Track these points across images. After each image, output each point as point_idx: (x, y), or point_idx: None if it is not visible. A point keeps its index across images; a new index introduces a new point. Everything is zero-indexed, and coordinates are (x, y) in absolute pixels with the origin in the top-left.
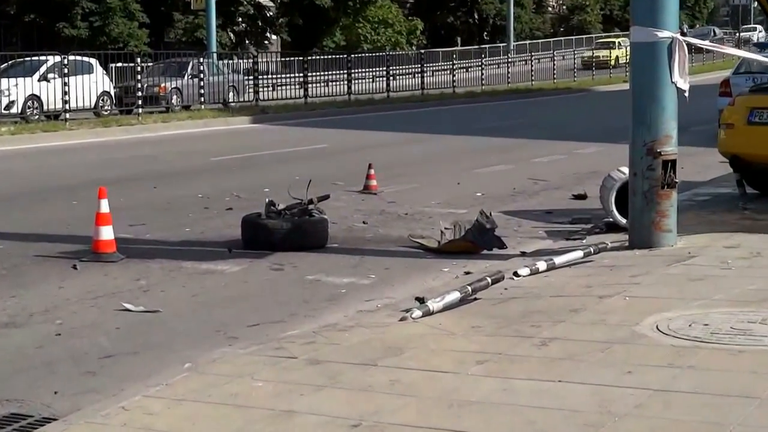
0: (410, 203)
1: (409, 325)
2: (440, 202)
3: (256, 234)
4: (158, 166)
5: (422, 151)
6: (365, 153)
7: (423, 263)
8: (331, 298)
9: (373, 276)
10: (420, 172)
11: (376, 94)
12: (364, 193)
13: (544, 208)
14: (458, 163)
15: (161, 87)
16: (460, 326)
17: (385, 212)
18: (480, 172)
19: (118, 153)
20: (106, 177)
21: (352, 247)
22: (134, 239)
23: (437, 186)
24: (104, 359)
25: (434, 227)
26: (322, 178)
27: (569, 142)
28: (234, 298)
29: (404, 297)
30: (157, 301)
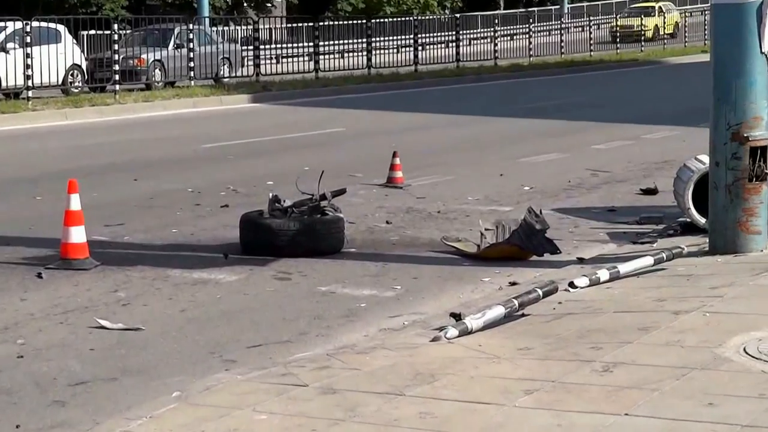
0: (443, 199)
1: (442, 347)
2: (480, 197)
3: (257, 236)
4: (139, 154)
5: (457, 136)
6: (389, 138)
7: (459, 272)
8: (348, 314)
9: (399, 287)
10: (455, 162)
11: (401, 68)
12: (388, 187)
13: (605, 205)
14: (501, 150)
15: (140, 59)
16: (504, 348)
17: (413, 210)
18: (528, 162)
19: (90, 138)
20: (77, 167)
21: (374, 252)
22: (111, 242)
23: (476, 178)
24: (76, 386)
25: (473, 228)
26: (336, 169)
27: (636, 125)
28: (231, 313)
29: (436, 312)
30: (138, 317)
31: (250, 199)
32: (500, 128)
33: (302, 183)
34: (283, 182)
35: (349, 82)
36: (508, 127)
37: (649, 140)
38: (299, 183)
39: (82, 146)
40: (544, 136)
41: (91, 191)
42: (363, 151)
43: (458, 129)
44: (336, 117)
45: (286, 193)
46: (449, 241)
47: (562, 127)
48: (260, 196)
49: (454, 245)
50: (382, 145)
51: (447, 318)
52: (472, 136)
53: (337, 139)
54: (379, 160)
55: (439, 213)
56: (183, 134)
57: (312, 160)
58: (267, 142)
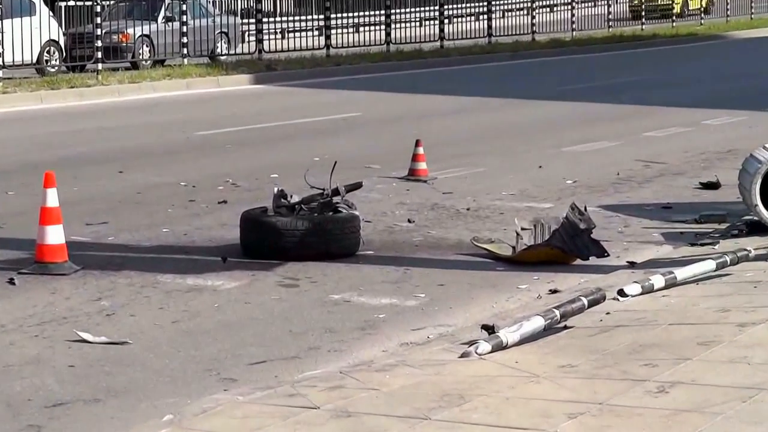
0: (474, 194)
1: (473, 364)
2: (515, 192)
3: (260, 236)
4: (125, 142)
5: (490, 121)
6: (411, 125)
7: (492, 278)
8: (364, 327)
9: (423, 295)
10: (487, 152)
11: (424, 44)
12: (410, 181)
13: (660, 201)
14: (540, 138)
15: (125, 34)
16: (544, 365)
17: (439, 207)
18: (570, 151)
19: (69, 125)
20: (54, 158)
21: (394, 256)
22: (93, 243)
23: (511, 170)
24: (53, 408)
25: (507, 228)
26: (351, 160)
27: (696, 109)
28: (231, 325)
29: (466, 324)
30: (125, 330)
31: (251, 194)
32: (539, 113)
33: (312, 176)
34: (290, 175)
35: (366, 61)
36: (547, 111)
37: (710, 126)
38: (308, 176)
39: (59, 134)
40: (589, 122)
41: (71, 185)
42: (381, 140)
43: (491, 114)
44: (350, 100)
45: (293, 188)
46: (480, 242)
47: (609, 111)
48: (263, 190)
49: (486, 247)
50: (404, 132)
51: (478, 331)
52: (506, 122)
53: (352, 126)
54: (399, 149)
55: (469, 210)
56: (175, 120)
57: (323, 149)
58: (271, 129)
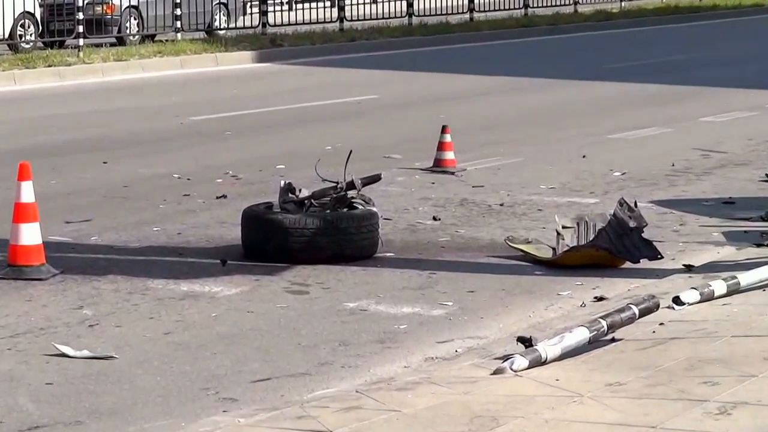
0: (508, 188)
1: (508, 381)
2: (555, 186)
3: (265, 236)
4: (110, 128)
5: (526, 105)
6: (436, 109)
7: (529, 283)
8: (383, 339)
9: (450, 303)
10: (523, 139)
11: (451, 16)
12: (436, 172)
13: (720, 195)
14: (584, 124)
15: (110, 5)
16: (589, 383)
17: (469, 202)
18: (618, 139)
19: (47, 108)
20: (30, 146)
21: (417, 258)
22: (74, 244)
23: (550, 161)
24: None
25: (546, 226)
26: (368, 148)
27: (760, 91)
28: (231, 337)
29: (500, 336)
30: (110, 342)
31: (254, 187)
32: (582, 95)
33: (323, 167)
34: (299, 166)
35: (384, 36)
36: (592, 93)
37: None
38: (319, 167)
39: (35, 119)
40: (639, 106)
41: (48, 177)
42: (403, 126)
43: (527, 96)
44: (367, 81)
45: (303, 181)
46: (516, 243)
47: (663, 93)
48: (268, 184)
49: (522, 248)
50: (428, 117)
51: (513, 344)
52: (545, 105)
53: (369, 110)
54: (423, 137)
55: (503, 206)
56: (167, 103)
57: (336, 136)
58: (276, 113)
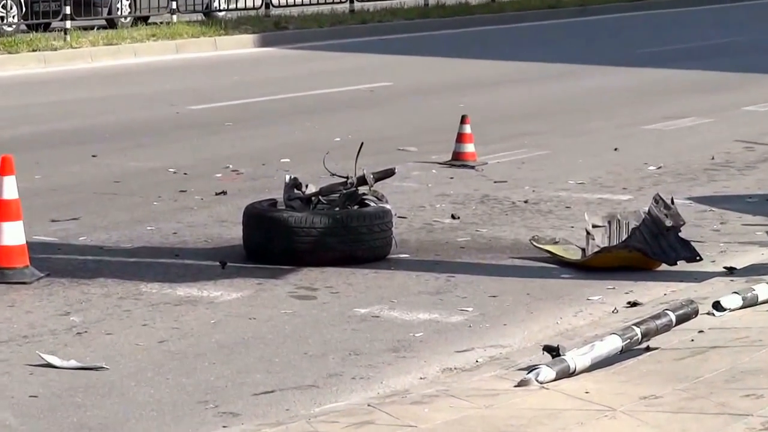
0: (533, 183)
1: (533, 394)
2: (585, 181)
3: (268, 236)
4: (100, 119)
5: (553, 93)
6: (455, 97)
7: (556, 287)
8: (397, 348)
9: (470, 309)
10: (550, 130)
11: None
12: (455, 166)
13: (764, 191)
14: (616, 113)
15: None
16: (621, 396)
17: (491, 199)
18: (654, 130)
19: (31, 97)
20: (12, 138)
21: (434, 260)
22: (61, 244)
23: (580, 153)
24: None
25: (575, 225)
26: (381, 140)
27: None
28: (231, 346)
29: (524, 345)
30: (99, 352)
31: (257, 183)
32: (613, 82)
33: (332, 161)
34: (305, 160)
35: (399, 18)
36: (624, 80)
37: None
38: (328, 161)
39: (18, 108)
40: (677, 93)
41: (32, 172)
42: (418, 116)
43: (554, 83)
44: (379, 67)
45: (309, 176)
46: (541, 243)
47: (702, 79)
48: (272, 179)
49: (549, 249)
50: (446, 106)
51: (539, 353)
52: (573, 93)
53: (382, 98)
54: (441, 127)
55: (527, 203)
56: (162, 91)
57: (346, 127)
58: (281, 102)
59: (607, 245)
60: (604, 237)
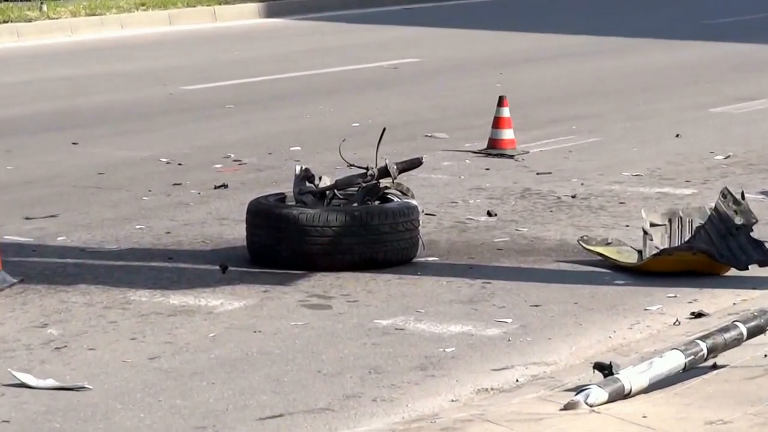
0: (582, 175)
1: (582, 419)
2: (642, 172)
3: (276, 236)
4: (81, 100)
5: (605, 70)
6: (492, 75)
7: (609, 295)
8: (425, 365)
9: (509, 320)
10: (601, 114)
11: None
12: (491, 156)
13: None
14: (677, 95)
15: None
16: (685, 421)
17: (533, 193)
18: (721, 114)
19: (1, 75)
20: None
21: (467, 264)
22: (36, 246)
23: (636, 140)
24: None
25: (630, 223)
26: (407, 125)
27: None
28: (233, 362)
29: (571, 362)
30: (81, 369)
31: (262, 175)
32: (675, 58)
33: (349, 149)
34: (318, 148)
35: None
36: (688, 56)
37: None
38: (344, 149)
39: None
40: (748, 72)
41: (4, 162)
42: (450, 97)
43: (606, 59)
44: (404, 40)
45: (323, 167)
46: (592, 244)
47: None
48: (280, 170)
49: (600, 251)
50: (481, 86)
51: (589, 372)
52: (630, 70)
53: (408, 77)
54: (475, 110)
55: (575, 198)
56: (152, 69)
57: (366, 110)
58: (290, 81)
59: (668, 247)
60: (664, 237)
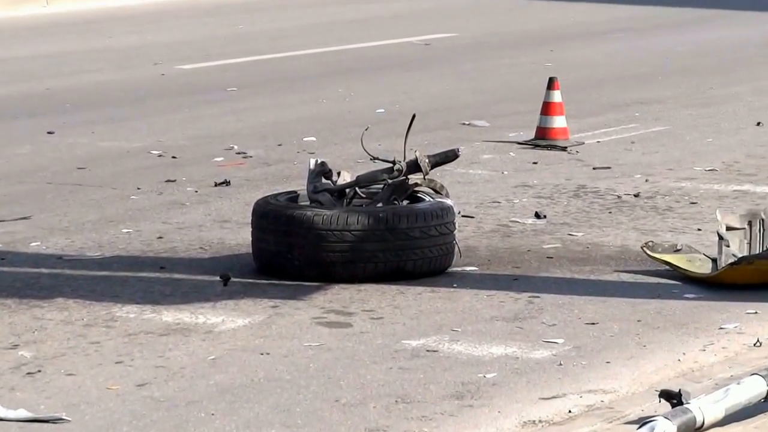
0: (646, 170)
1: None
2: (716, 167)
3: (286, 241)
4: (58, 82)
5: (674, 47)
6: (540, 53)
7: (678, 311)
8: (462, 393)
9: (561, 341)
10: (668, 98)
11: None
12: (539, 148)
13: None
14: (758, 76)
15: None
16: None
17: (588, 191)
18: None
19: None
20: None
21: (511, 274)
22: (6, 252)
23: (709, 130)
24: None
25: (703, 227)
26: (440, 111)
27: None
28: (236, 390)
29: (633, 390)
30: (58, 398)
31: (270, 170)
32: (758, 33)
33: (373, 140)
34: (336, 138)
35: None
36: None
37: None
38: (367, 140)
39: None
40: None
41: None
42: (491, 79)
43: (675, 34)
44: (437, 11)
45: (342, 160)
46: (658, 251)
47: None
48: (291, 164)
49: (668, 260)
50: (528, 66)
51: (654, 401)
52: (703, 47)
53: (441, 55)
54: (520, 94)
55: (638, 197)
56: (141, 45)
57: (392, 94)
58: (303, 60)
59: (747, 254)
60: (743, 243)
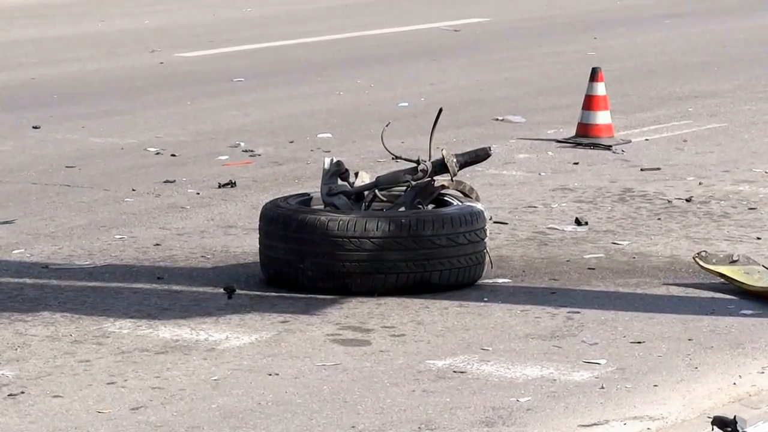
0: (699, 172)
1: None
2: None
3: (298, 249)
4: (45, 71)
5: (732, 34)
6: (582, 40)
7: (734, 329)
8: (492, 420)
9: (603, 361)
10: (724, 92)
11: None
12: (580, 146)
13: None
14: None
15: None
16: None
17: (635, 195)
18: None
19: None
20: None
21: (549, 287)
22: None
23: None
24: None
25: (763, 235)
26: (470, 105)
27: None
28: (242, 414)
29: (684, 416)
30: (44, 423)
31: (281, 170)
32: None
33: (395, 137)
34: (354, 135)
35: None
36: None
37: None
38: (388, 137)
39: None
40: None
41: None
42: (527, 69)
43: (731, 20)
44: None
45: (360, 159)
46: (712, 263)
47: None
48: (303, 163)
49: (723, 272)
50: (568, 54)
51: (707, 428)
52: (761, 35)
53: (472, 42)
54: (560, 87)
55: (690, 202)
56: (136, 30)
57: (416, 86)
58: (318, 48)
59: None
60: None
